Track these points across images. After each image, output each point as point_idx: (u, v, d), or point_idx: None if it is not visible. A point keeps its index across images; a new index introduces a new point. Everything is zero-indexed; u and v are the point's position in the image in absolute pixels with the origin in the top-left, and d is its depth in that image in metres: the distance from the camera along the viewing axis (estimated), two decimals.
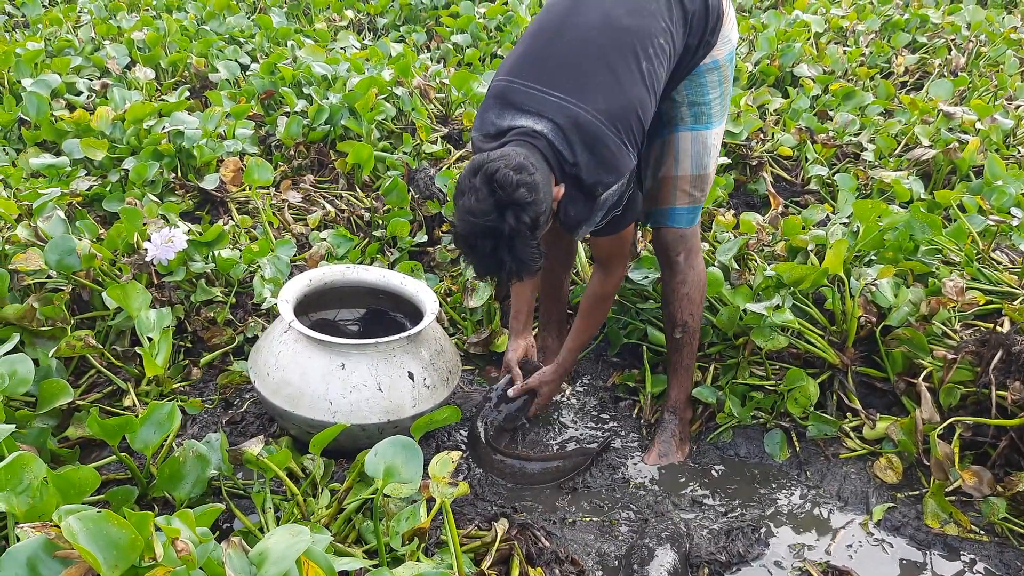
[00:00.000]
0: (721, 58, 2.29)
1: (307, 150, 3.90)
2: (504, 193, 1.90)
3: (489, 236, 1.94)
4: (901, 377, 2.61)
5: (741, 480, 2.51)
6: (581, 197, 2.10)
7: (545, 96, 2.06)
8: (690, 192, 2.42)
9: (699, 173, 2.40)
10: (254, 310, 2.93)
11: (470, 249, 2.00)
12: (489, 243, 1.96)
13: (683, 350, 2.59)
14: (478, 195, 1.92)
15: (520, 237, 1.95)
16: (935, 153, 3.76)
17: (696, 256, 2.52)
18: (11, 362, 2.10)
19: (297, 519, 1.99)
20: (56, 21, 5.40)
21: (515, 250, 1.96)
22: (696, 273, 2.52)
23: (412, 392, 2.32)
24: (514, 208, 1.91)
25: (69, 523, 1.30)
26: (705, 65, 2.27)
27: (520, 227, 1.93)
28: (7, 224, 2.81)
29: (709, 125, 2.36)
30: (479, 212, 1.92)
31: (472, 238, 1.97)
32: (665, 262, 2.53)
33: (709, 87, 2.30)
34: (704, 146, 2.37)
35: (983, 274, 2.76)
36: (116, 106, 3.81)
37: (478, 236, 1.95)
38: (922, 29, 5.60)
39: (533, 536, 2.09)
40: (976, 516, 2.30)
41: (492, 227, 1.93)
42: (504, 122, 2.11)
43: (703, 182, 2.43)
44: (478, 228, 1.94)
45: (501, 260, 1.98)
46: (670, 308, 2.55)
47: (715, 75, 2.30)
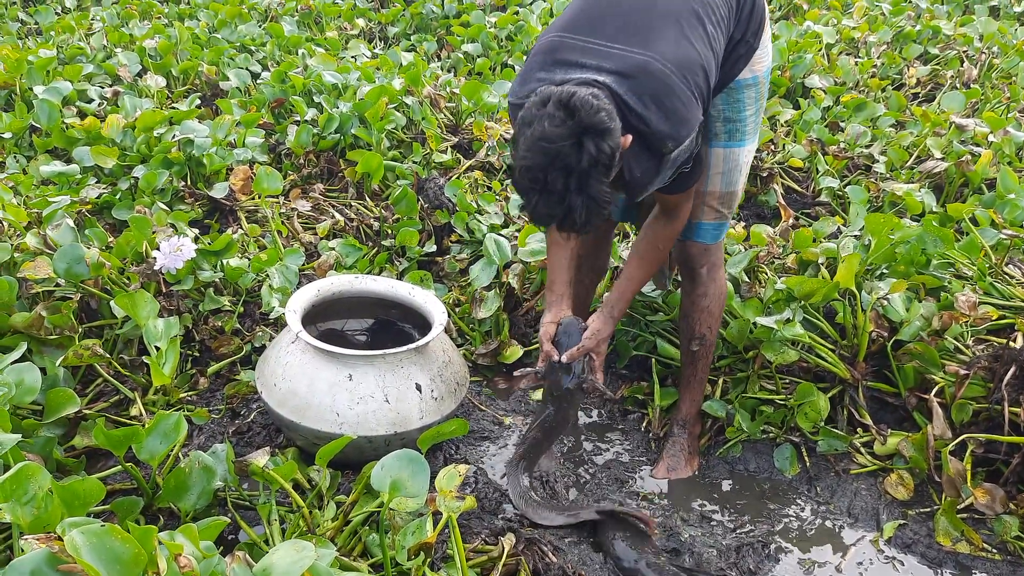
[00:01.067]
0: (760, 74, 2.24)
1: (317, 159, 3.90)
2: (584, 115, 1.72)
3: (562, 169, 1.74)
4: (912, 392, 2.58)
5: (751, 495, 2.49)
6: (647, 155, 1.92)
7: (607, 49, 1.91)
8: (717, 208, 2.38)
9: (728, 190, 2.36)
10: (262, 319, 2.93)
11: (537, 186, 1.78)
12: (561, 178, 1.75)
13: (698, 363, 2.57)
14: (552, 120, 1.73)
15: (596, 171, 1.75)
16: (947, 166, 3.74)
17: (718, 270, 2.49)
18: (18, 371, 2.10)
19: (303, 532, 1.98)
20: (68, 29, 5.43)
21: (589, 188, 1.75)
22: (717, 287, 2.49)
23: (419, 404, 2.31)
24: (594, 135, 1.73)
25: (72, 537, 1.29)
26: (744, 80, 2.21)
27: (600, 157, 1.74)
28: (16, 232, 2.82)
29: (742, 143, 2.31)
30: (555, 137, 1.73)
31: (542, 171, 1.76)
32: (687, 274, 2.50)
33: (746, 103, 2.25)
34: (735, 164, 2.32)
35: (996, 288, 2.74)
36: (127, 114, 3.83)
37: (549, 168, 1.75)
38: (934, 41, 5.58)
39: (540, 551, 2.07)
40: (988, 534, 2.28)
41: (567, 156, 1.73)
42: (556, 77, 1.90)
43: (731, 199, 2.39)
44: (551, 156, 1.74)
45: (572, 203, 1.77)
46: (688, 320, 2.52)
47: (752, 91, 2.25)
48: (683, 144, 1.93)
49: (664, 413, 2.74)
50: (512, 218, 3.45)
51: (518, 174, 1.82)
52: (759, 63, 2.23)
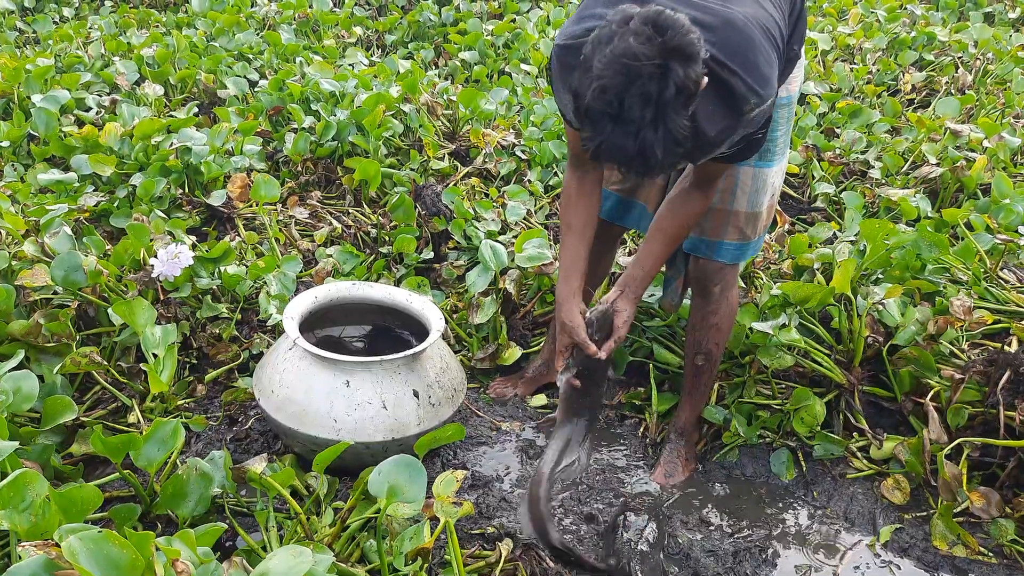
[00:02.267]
0: (794, 94, 2.22)
1: (314, 166, 3.91)
2: (674, 34, 1.55)
3: (641, 95, 1.55)
4: (908, 397, 2.59)
5: (747, 500, 2.50)
6: (725, 112, 1.77)
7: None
8: (742, 229, 2.32)
9: (753, 211, 2.30)
10: (260, 326, 2.93)
11: (612, 111, 1.58)
12: (639, 104, 1.56)
13: (702, 377, 2.56)
14: (639, 36, 1.54)
15: (679, 101, 1.57)
16: (942, 171, 3.75)
17: (732, 289, 2.45)
18: (16, 378, 2.10)
19: (300, 538, 1.98)
20: (66, 37, 5.44)
21: (667, 119, 1.57)
22: (729, 305, 2.46)
23: (417, 410, 2.31)
24: (682, 59, 1.55)
25: (70, 543, 1.30)
26: (780, 99, 2.12)
27: (686, 84, 1.56)
28: (14, 240, 2.82)
29: (771, 163, 2.27)
30: (640, 55, 1.53)
31: (620, 93, 1.56)
32: (699, 291, 2.45)
33: (779, 123, 2.21)
34: (763, 184, 2.28)
35: (991, 293, 2.75)
36: (125, 122, 3.83)
37: (629, 89, 1.55)
38: (929, 47, 5.60)
39: (537, 557, 2.08)
40: (984, 538, 2.28)
41: (650, 80, 1.54)
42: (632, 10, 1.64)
43: (755, 220, 2.33)
44: (632, 76, 1.54)
45: (647, 138, 1.58)
46: (696, 335, 2.50)
47: (786, 111, 2.22)
48: (764, 104, 1.81)
49: (661, 419, 2.74)
50: (510, 224, 3.46)
51: (591, 96, 1.60)
52: (793, 82, 2.20)
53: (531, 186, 3.82)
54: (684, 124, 1.60)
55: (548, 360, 2.85)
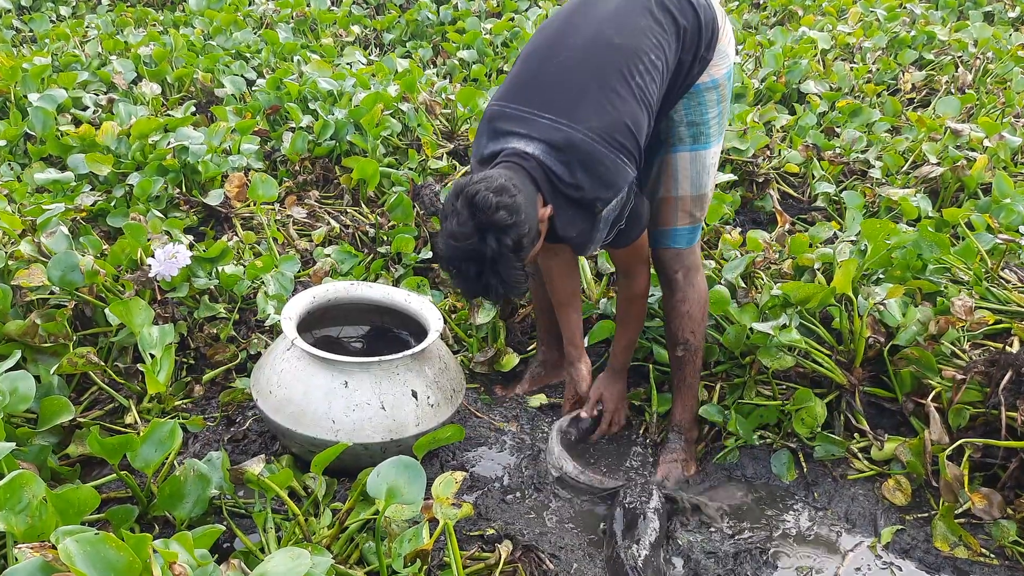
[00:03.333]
0: (719, 76, 2.28)
1: (312, 165, 3.90)
2: (484, 216, 1.90)
3: (472, 260, 1.96)
4: (909, 397, 2.58)
5: (748, 501, 2.48)
6: (581, 215, 2.11)
7: (536, 119, 2.08)
8: (691, 212, 2.42)
9: (698, 193, 2.40)
10: (257, 327, 2.92)
11: (456, 272, 2.02)
12: (473, 267, 1.97)
13: (685, 368, 2.57)
14: (459, 218, 1.93)
15: (503, 260, 1.95)
16: (943, 171, 3.74)
17: (696, 274, 2.51)
18: (12, 379, 2.08)
19: (298, 539, 1.97)
20: (63, 36, 5.43)
21: (500, 273, 1.97)
22: (696, 291, 2.50)
23: (416, 411, 2.30)
24: (495, 231, 1.92)
25: (67, 545, 1.29)
26: (703, 84, 2.26)
27: (502, 250, 1.93)
28: (11, 240, 2.81)
29: (708, 145, 2.35)
30: (460, 235, 1.94)
31: (456, 261, 1.99)
32: (664, 281, 2.53)
33: (708, 106, 2.30)
34: (703, 166, 2.37)
35: (992, 293, 2.74)
36: (122, 121, 3.82)
37: (461, 260, 1.97)
38: (929, 46, 5.60)
39: (537, 558, 2.07)
40: (986, 539, 2.27)
41: (474, 250, 1.94)
42: (496, 146, 2.12)
43: (702, 202, 2.43)
44: (460, 252, 1.96)
45: (487, 283, 1.99)
46: (671, 326, 2.54)
47: (713, 94, 2.29)
48: (611, 203, 2.10)
49: (661, 419, 2.74)
50: None
51: (439, 261, 2.14)
52: (716, 68, 2.27)
53: None
54: (516, 271, 1.98)
55: (544, 361, 2.88)
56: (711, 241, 3.35)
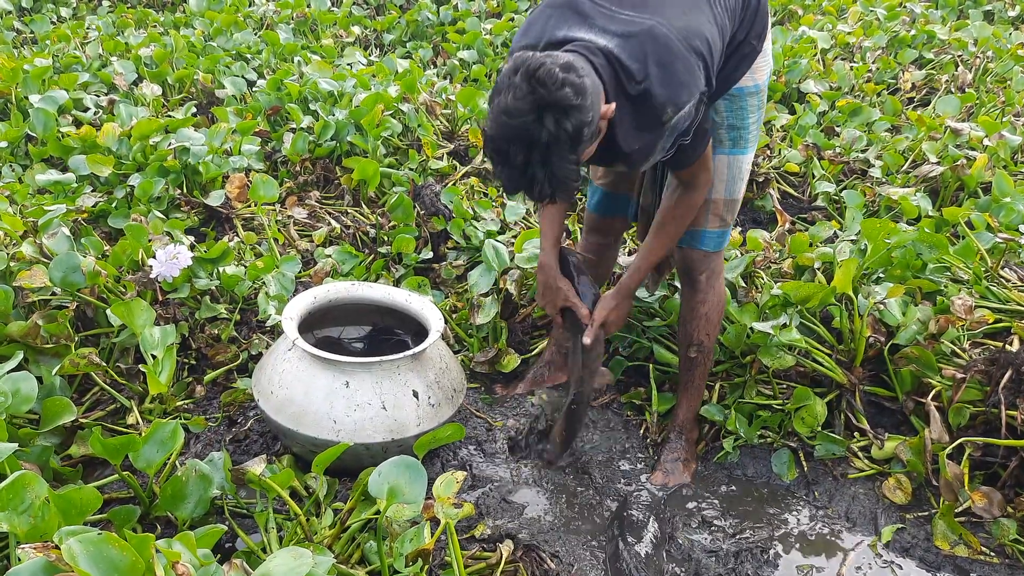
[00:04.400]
0: (762, 82, 2.26)
1: (313, 166, 3.90)
2: (546, 91, 1.70)
3: (523, 143, 1.74)
4: (910, 396, 2.59)
5: (749, 500, 2.49)
6: (647, 124, 1.91)
7: (614, 13, 1.90)
8: (721, 216, 2.38)
9: (731, 198, 2.37)
10: (258, 327, 2.93)
11: (501, 158, 1.79)
12: (522, 152, 1.75)
13: (695, 370, 2.57)
14: (516, 92, 1.72)
15: (557, 148, 1.74)
16: (943, 170, 3.74)
17: (718, 278, 2.49)
18: (15, 380, 2.09)
19: (300, 539, 1.97)
20: (64, 38, 5.43)
21: (550, 163, 1.75)
22: (716, 294, 2.49)
23: (416, 411, 2.30)
24: (555, 111, 1.71)
25: (70, 545, 1.29)
26: (747, 88, 2.23)
27: (559, 134, 1.72)
28: (12, 241, 2.81)
29: (745, 150, 2.33)
30: (515, 112, 1.72)
31: (504, 143, 1.76)
32: (687, 281, 2.50)
33: (749, 111, 2.27)
34: (739, 171, 2.34)
35: (992, 292, 2.74)
36: (123, 122, 3.83)
37: (511, 141, 1.75)
38: (929, 45, 5.60)
39: (538, 558, 2.07)
40: (986, 537, 2.27)
41: (528, 131, 1.73)
42: (560, 32, 1.90)
43: (733, 207, 2.40)
44: (511, 131, 1.74)
45: (533, 175, 1.77)
46: (687, 327, 2.52)
47: (755, 99, 2.27)
48: (682, 110, 1.89)
49: (661, 419, 2.74)
50: (509, 224, 3.45)
51: (484, 144, 1.83)
52: (760, 72, 2.25)
53: None
54: (569, 165, 1.77)
55: (549, 362, 2.86)
56: None
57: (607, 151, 1.94)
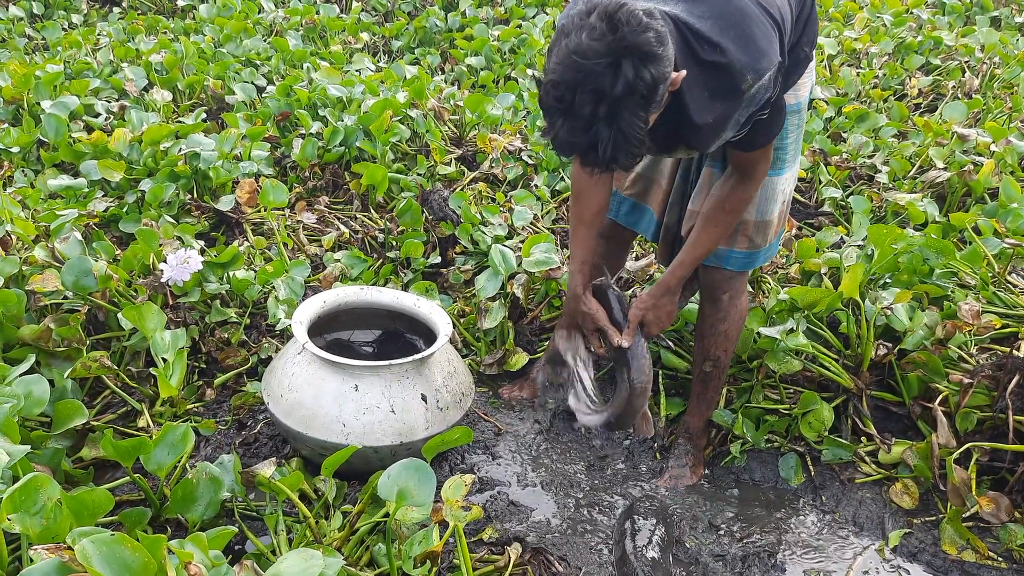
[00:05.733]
0: (803, 100, 2.17)
1: (322, 171, 3.92)
2: (628, 31, 1.53)
3: (593, 91, 1.55)
4: (917, 401, 2.59)
5: (756, 505, 2.49)
6: (723, 92, 1.74)
7: None
8: (751, 237, 2.29)
9: (762, 219, 2.28)
10: (268, 331, 2.94)
11: (563, 108, 1.59)
12: (590, 102, 1.56)
13: (710, 384, 2.55)
14: (592, 33, 1.53)
15: (631, 100, 1.56)
16: (950, 175, 3.75)
17: (741, 296, 2.44)
18: (27, 383, 2.10)
19: (309, 541, 1.98)
20: (75, 44, 5.47)
21: (619, 119, 1.56)
22: (738, 311, 2.44)
23: (425, 414, 2.32)
24: (636, 57, 1.54)
25: (83, 546, 1.31)
26: (790, 106, 2.09)
27: (636, 84, 1.54)
28: (25, 245, 2.84)
29: (781, 171, 2.23)
30: (591, 52, 1.53)
31: (570, 90, 1.57)
32: (708, 299, 2.44)
33: (789, 130, 2.16)
34: (773, 192, 2.25)
35: (999, 297, 2.75)
36: (134, 128, 3.85)
37: (579, 87, 1.56)
38: (936, 51, 5.60)
39: (547, 561, 2.08)
40: (994, 543, 2.28)
41: (601, 77, 1.54)
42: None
43: (765, 228, 2.30)
44: (582, 75, 1.55)
45: (598, 131, 1.58)
46: (705, 342, 2.49)
47: (796, 118, 2.17)
48: (763, 79, 1.74)
49: (670, 424, 2.74)
50: (517, 229, 3.47)
51: (545, 89, 1.62)
52: (804, 87, 2.16)
53: (538, 191, 3.82)
54: (638, 123, 1.59)
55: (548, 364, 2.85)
56: None
57: (674, 127, 1.79)
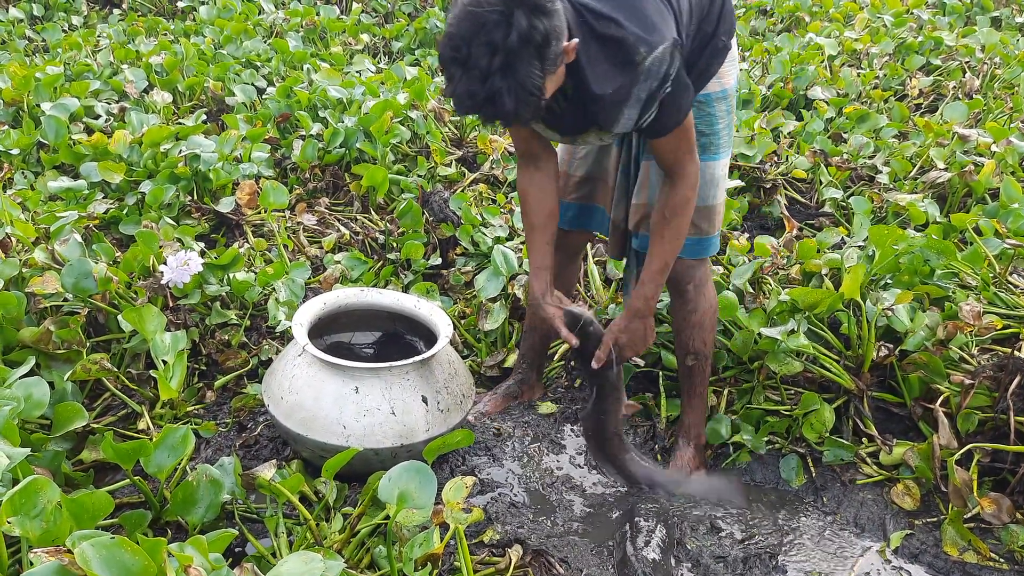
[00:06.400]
0: (729, 87, 2.24)
1: (322, 173, 3.92)
2: None
3: (487, 43, 1.61)
4: (918, 402, 2.58)
5: (757, 506, 2.49)
6: (619, 64, 1.80)
7: None
8: (696, 224, 2.31)
9: (704, 204, 2.31)
10: (268, 333, 2.94)
11: (460, 63, 1.65)
12: (486, 55, 1.62)
13: (695, 378, 2.56)
14: None
15: (526, 51, 1.62)
16: (950, 176, 3.75)
17: (707, 285, 2.46)
18: (27, 385, 2.10)
19: (310, 544, 1.98)
20: (75, 46, 5.47)
21: (515, 70, 1.62)
22: (707, 301, 2.47)
23: (426, 416, 2.31)
24: (528, 7, 1.60)
25: (83, 549, 1.31)
26: (715, 93, 2.20)
27: (531, 34, 1.61)
28: (25, 247, 2.84)
29: (716, 156, 2.29)
30: (484, 2, 1.61)
31: (465, 42, 1.63)
32: (674, 291, 2.48)
33: (718, 117, 2.24)
34: (711, 177, 2.29)
35: (1000, 298, 2.74)
36: (134, 129, 3.85)
37: (474, 39, 1.61)
38: (936, 51, 5.60)
39: (547, 563, 2.07)
40: (995, 544, 2.27)
41: (495, 29, 1.60)
42: None
43: (710, 214, 2.34)
44: (476, 25, 1.61)
45: (494, 86, 1.63)
46: (682, 337, 2.52)
47: (723, 104, 2.24)
48: (656, 51, 1.79)
49: (670, 425, 2.74)
50: (517, 230, 3.47)
51: (442, 43, 1.68)
52: (728, 76, 2.22)
53: None
54: (535, 74, 1.64)
55: (522, 381, 2.83)
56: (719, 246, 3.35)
57: (580, 105, 1.85)
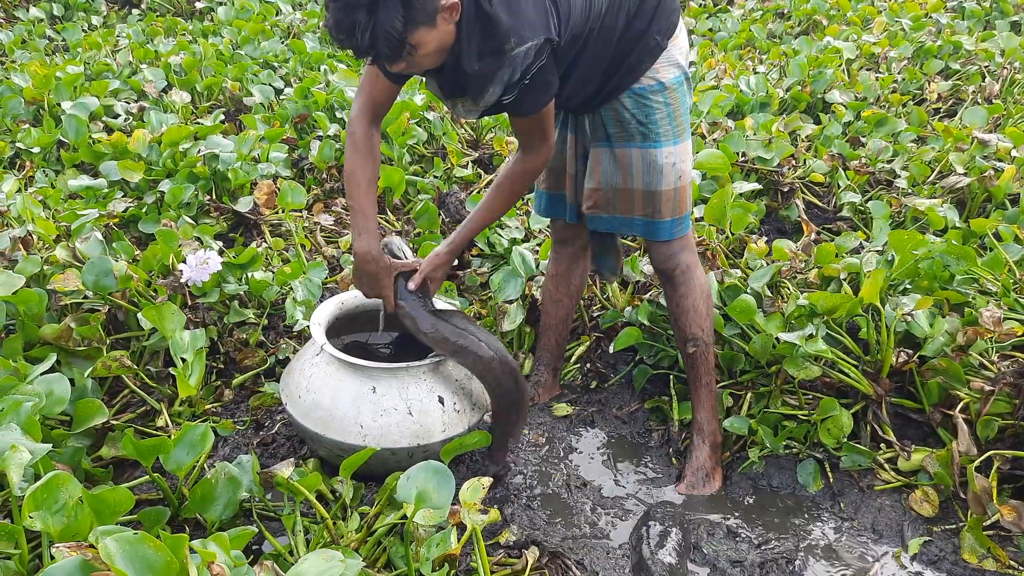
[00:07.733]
0: (667, 81, 2.28)
1: (339, 173, 3.94)
2: None
3: None
4: (937, 408, 2.57)
5: (774, 511, 2.48)
6: (489, 49, 1.93)
7: None
8: (643, 206, 2.41)
9: (648, 190, 2.38)
10: (286, 332, 2.95)
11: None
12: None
13: (699, 367, 2.55)
14: None
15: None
16: (970, 181, 3.72)
17: (695, 269, 2.50)
18: (48, 381, 2.12)
19: (327, 542, 1.99)
20: (95, 45, 5.51)
21: (377, 11, 1.77)
22: (697, 284, 2.49)
23: (442, 417, 2.32)
24: None
25: (106, 544, 1.31)
26: (649, 87, 2.27)
27: None
28: (46, 245, 2.86)
29: (657, 144, 2.34)
30: None
31: None
32: (663, 279, 2.53)
33: (654, 108, 2.29)
34: (653, 164, 2.34)
35: (1020, 304, 2.72)
36: (153, 129, 3.88)
37: None
38: (955, 56, 5.57)
39: (564, 565, 2.08)
40: (1015, 551, 2.25)
41: None
42: None
43: (654, 199, 2.39)
44: None
45: (355, 19, 1.78)
46: (678, 324, 2.53)
47: (660, 97, 2.29)
48: (524, 45, 1.93)
49: (684, 427, 2.73)
50: (533, 232, 3.47)
51: None
52: (664, 71, 2.28)
53: None
54: (395, 19, 1.78)
55: (538, 382, 2.87)
56: (736, 250, 3.35)
57: (453, 72, 1.99)
